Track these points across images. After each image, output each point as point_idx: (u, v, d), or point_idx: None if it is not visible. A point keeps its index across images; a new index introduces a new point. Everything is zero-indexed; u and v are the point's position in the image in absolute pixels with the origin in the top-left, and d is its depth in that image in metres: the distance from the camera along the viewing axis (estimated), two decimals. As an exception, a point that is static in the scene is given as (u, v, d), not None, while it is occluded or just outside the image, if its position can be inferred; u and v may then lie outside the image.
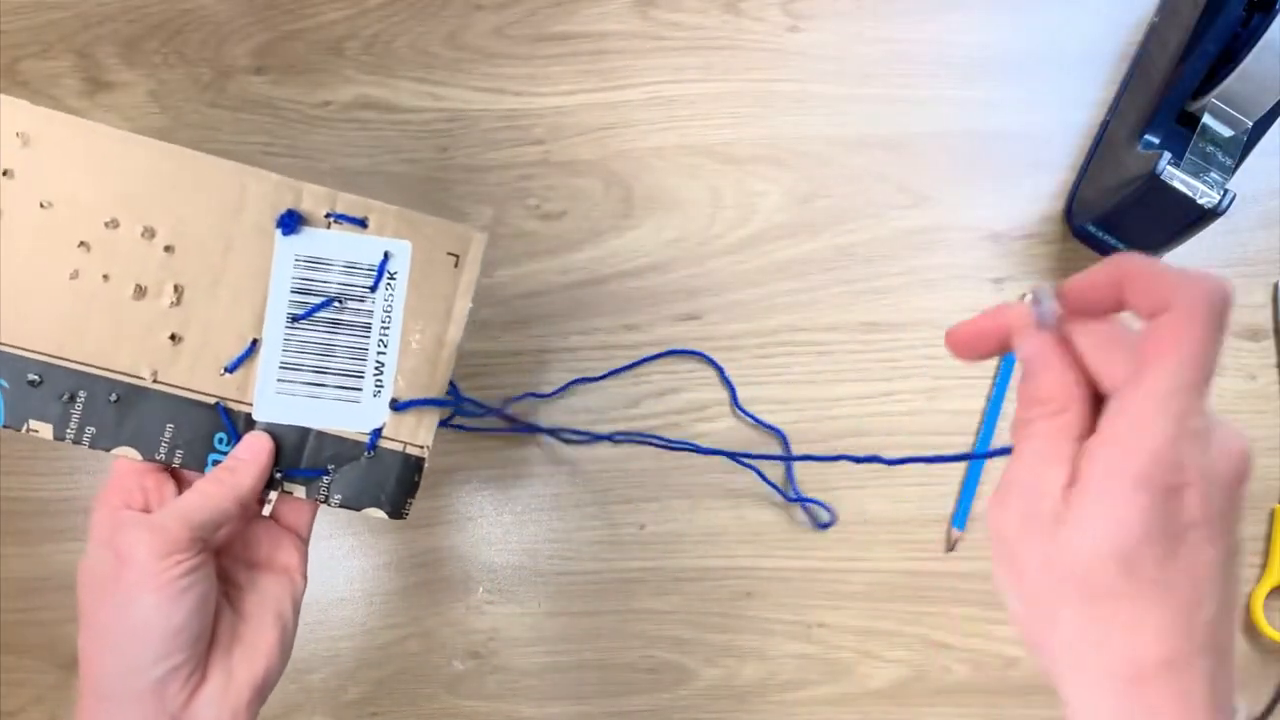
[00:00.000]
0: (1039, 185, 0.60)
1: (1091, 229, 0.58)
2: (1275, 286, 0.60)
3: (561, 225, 0.59)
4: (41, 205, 0.37)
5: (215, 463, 0.40)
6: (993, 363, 0.59)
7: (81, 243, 0.38)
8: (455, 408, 0.43)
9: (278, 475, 0.40)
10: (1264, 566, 0.58)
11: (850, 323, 0.59)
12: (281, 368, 0.40)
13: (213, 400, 0.40)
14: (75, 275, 0.38)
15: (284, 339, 0.40)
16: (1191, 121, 0.54)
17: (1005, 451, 0.30)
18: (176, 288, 0.39)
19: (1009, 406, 0.58)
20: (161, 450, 0.40)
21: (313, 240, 0.40)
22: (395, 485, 0.41)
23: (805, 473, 0.58)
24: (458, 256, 0.41)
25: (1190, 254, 0.59)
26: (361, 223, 0.40)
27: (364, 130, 0.59)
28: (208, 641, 0.38)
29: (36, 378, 0.38)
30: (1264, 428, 0.59)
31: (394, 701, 0.56)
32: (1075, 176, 0.60)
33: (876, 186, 0.60)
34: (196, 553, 0.37)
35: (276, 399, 0.40)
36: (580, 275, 0.59)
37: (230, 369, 0.39)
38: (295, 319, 0.40)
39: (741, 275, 0.59)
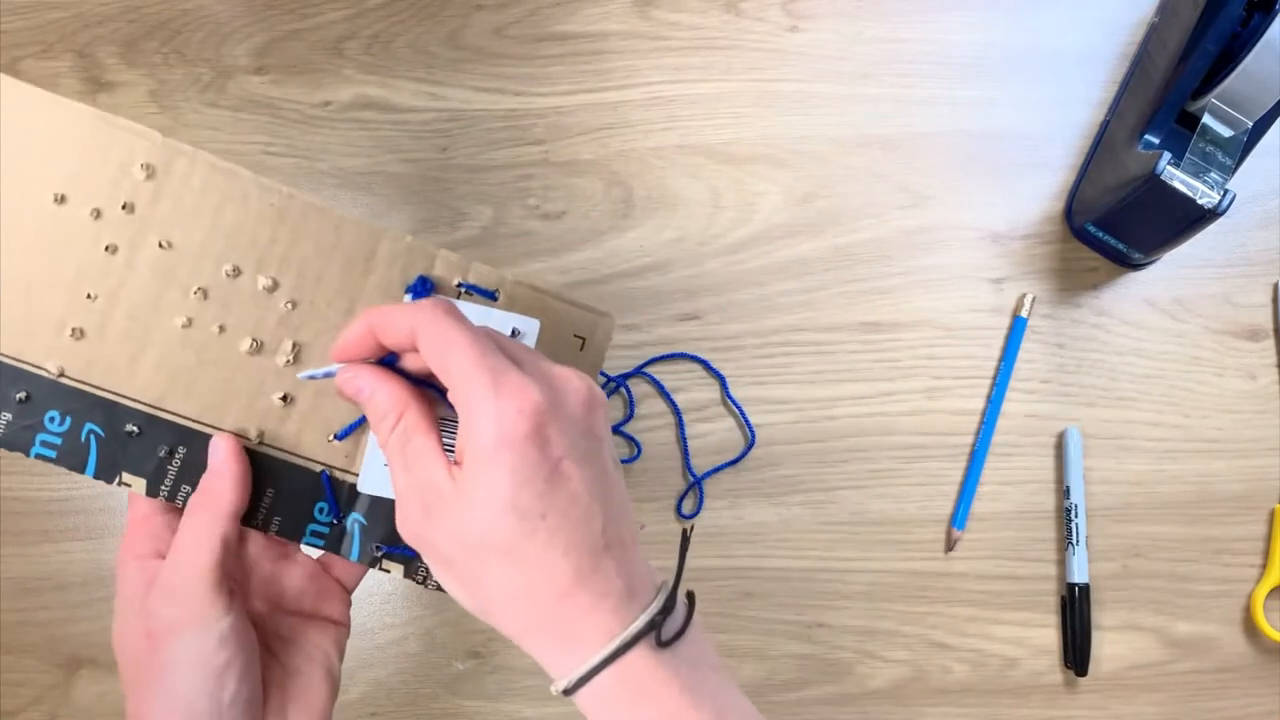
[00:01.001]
0: (1039, 185, 0.60)
1: (1091, 229, 0.58)
2: (1275, 286, 0.60)
3: (561, 225, 0.59)
4: (160, 245, 0.35)
5: (314, 533, 0.37)
6: (993, 363, 0.59)
7: (199, 289, 0.35)
8: None
9: (377, 553, 0.37)
10: (1264, 566, 0.58)
11: (850, 323, 0.59)
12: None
13: (318, 468, 0.37)
14: (188, 324, 0.35)
15: None
16: (1191, 121, 0.54)
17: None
18: (295, 345, 0.36)
19: (1009, 406, 0.58)
20: (259, 517, 0.37)
21: None
22: None
23: (803, 473, 0.58)
24: (584, 339, 0.40)
25: (1190, 254, 0.59)
26: (492, 295, 0.38)
27: (364, 130, 0.59)
28: (261, 704, 0.36)
29: (135, 429, 0.35)
30: (1264, 428, 0.59)
31: (394, 701, 0.56)
32: (1075, 176, 0.60)
33: (876, 186, 0.60)
34: (225, 608, 0.34)
35: (384, 471, 0.37)
36: (580, 275, 0.59)
37: (340, 436, 0.37)
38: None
39: (741, 275, 0.59)
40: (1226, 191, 0.51)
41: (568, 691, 0.30)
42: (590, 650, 0.29)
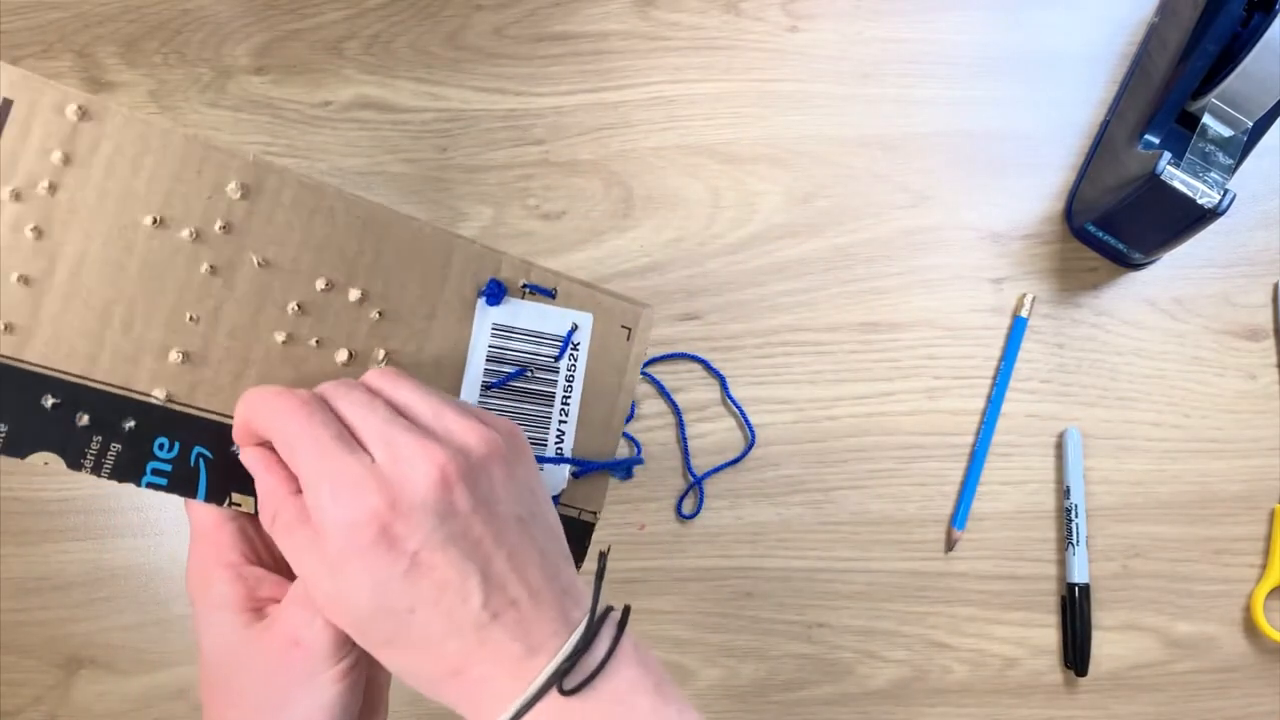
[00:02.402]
0: (1039, 185, 0.60)
1: (1091, 229, 0.58)
2: (1275, 286, 0.60)
3: (561, 225, 0.59)
4: (258, 263, 0.34)
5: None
6: (993, 363, 0.59)
7: (296, 304, 0.35)
8: (626, 473, 0.43)
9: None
10: (1264, 566, 0.58)
11: (850, 323, 0.59)
12: None
13: None
14: (288, 339, 0.35)
15: (480, 404, 0.39)
16: (1191, 121, 0.54)
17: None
18: (385, 354, 0.37)
19: (1009, 406, 0.58)
20: None
21: (509, 310, 0.39)
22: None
23: (803, 473, 0.58)
24: (630, 330, 0.41)
25: (1190, 254, 0.59)
26: (550, 294, 0.40)
27: (364, 130, 0.59)
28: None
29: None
30: (1264, 428, 0.59)
31: (394, 702, 0.56)
32: (1075, 176, 0.60)
33: (876, 186, 0.60)
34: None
35: None
36: (580, 275, 0.58)
37: None
38: (489, 387, 0.39)
39: (741, 275, 0.59)
40: (1226, 191, 0.51)
41: None
42: (492, 716, 0.30)
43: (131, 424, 0.33)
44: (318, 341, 0.35)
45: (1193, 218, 0.51)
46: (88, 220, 0.32)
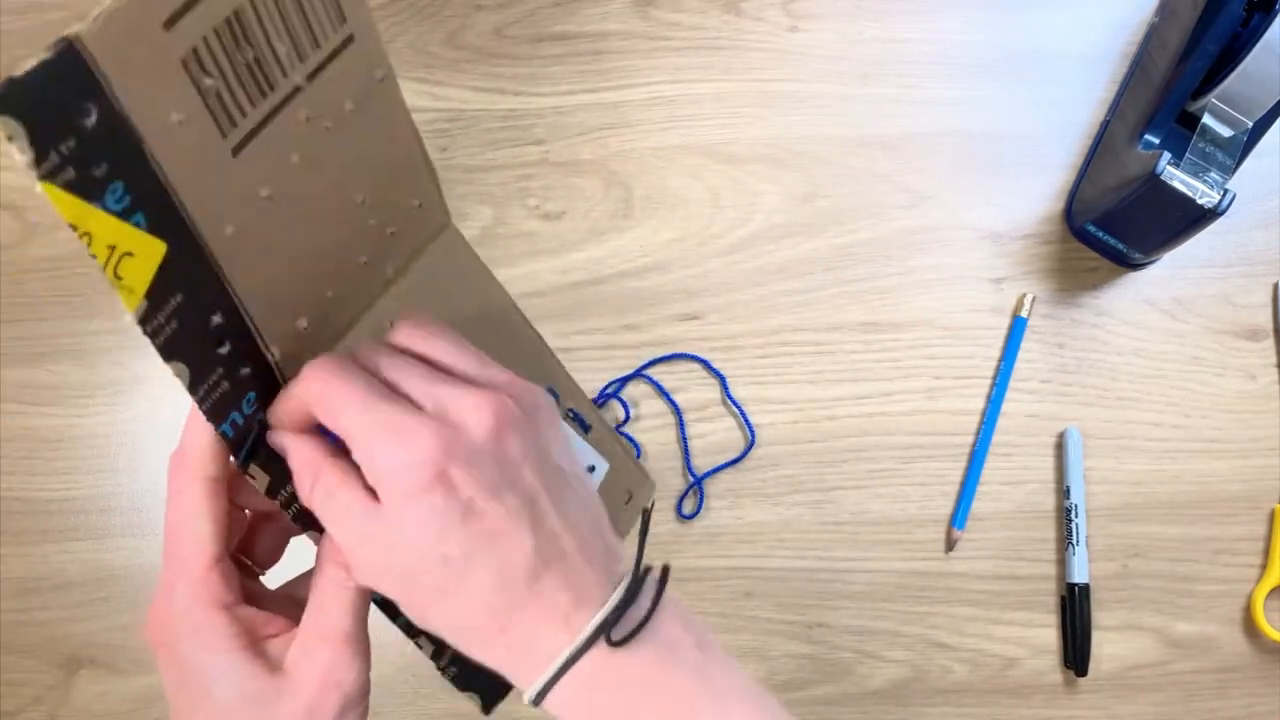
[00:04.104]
0: (1039, 185, 0.60)
1: (1091, 229, 0.58)
2: (1275, 286, 0.60)
3: (561, 225, 0.59)
4: (390, 278, 0.35)
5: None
6: (993, 363, 0.59)
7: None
8: None
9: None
10: (1264, 566, 0.58)
11: (850, 323, 0.59)
12: None
13: None
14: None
15: None
16: (1191, 121, 0.54)
17: None
18: None
19: (1009, 406, 0.58)
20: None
21: None
22: (500, 684, 0.39)
23: (803, 473, 0.58)
24: (631, 495, 0.41)
25: (1190, 254, 0.59)
26: (586, 428, 0.40)
27: (364, 130, 0.59)
28: None
29: None
30: (1264, 428, 0.59)
31: (394, 702, 0.56)
32: (1075, 176, 0.60)
33: (876, 186, 0.60)
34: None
35: None
36: (580, 275, 0.59)
37: None
38: None
39: (741, 275, 0.59)
40: (1226, 191, 0.51)
41: (534, 701, 0.30)
42: (543, 663, 0.30)
43: (247, 371, 0.31)
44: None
45: (1193, 218, 0.51)
46: (334, 170, 0.31)
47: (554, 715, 0.31)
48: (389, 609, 0.36)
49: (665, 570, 0.32)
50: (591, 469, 0.40)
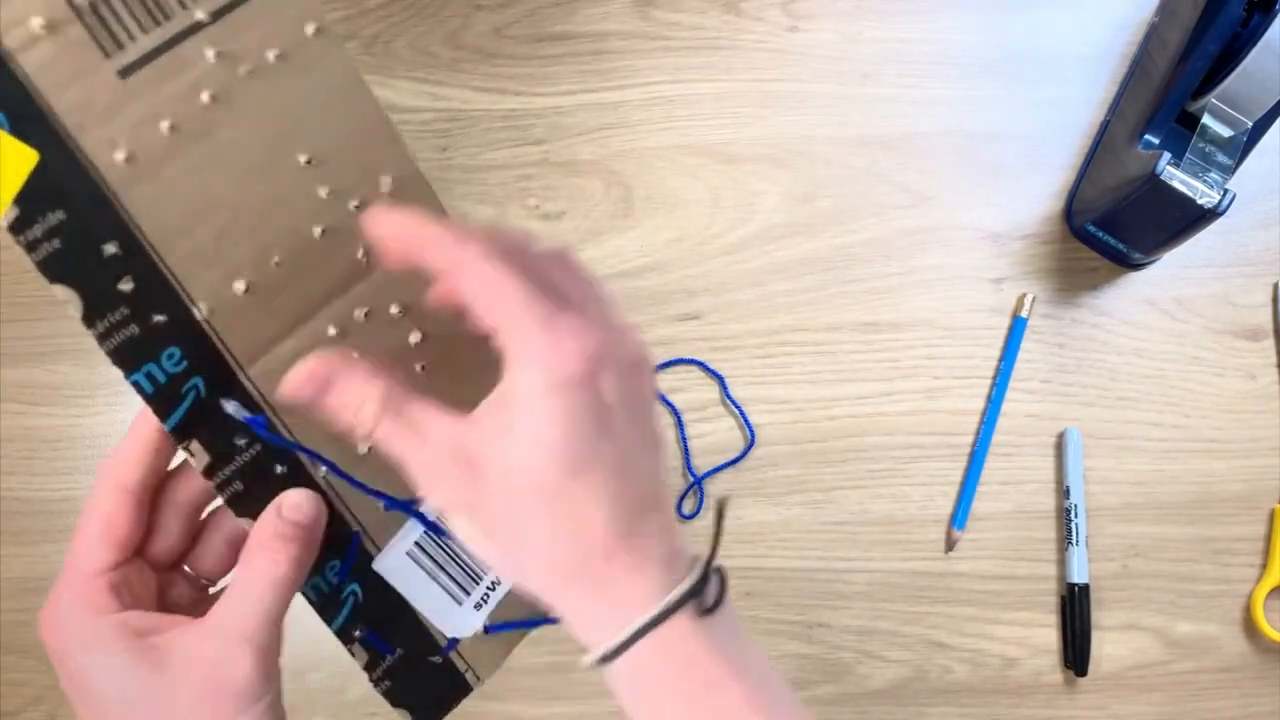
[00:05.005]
0: (1039, 185, 0.60)
1: (1091, 229, 0.58)
2: (1275, 286, 0.59)
3: (561, 225, 0.59)
4: (362, 258, 0.34)
5: (314, 586, 0.35)
6: (992, 363, 0.59)
7: (365, 314, 0.34)
8: (531, 627, 0.40)
9: (357, 633, 0.36)
10: (1264, 566, 0.58)
11: (850, 323, 0.59)
12: (426, 534, 0.36)
13: (355, 528, 0.35)
14: (341, 334, 0.34)
15: (435, 522, 0.37)
16: (1191, 121, 0.54)
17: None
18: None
19: (1009, 406, 0.58)
20: None
21: None
22: (436, 700, 0.38)
23: (803, 473, 0.58)
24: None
25: (1190, 254, 0.59)
26: None
27: (364, 130, 0.59)
28: None
29: (236, 405, 0.33)
30: (1264, 428, 0.59)
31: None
32: (1075, 176, 0.60)
33: (876, 186, 0.60)
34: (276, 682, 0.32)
35: (403, 560, 0.36)
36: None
37: (388, 507, 0.36)
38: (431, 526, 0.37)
39: (741, 275, 0.59)
40: (1226, 191, 0.51)
41: (606, 658, 0.29)
42: (632, 613, 0.28)
43: (161, 319, 0.31)
44: (359, 354, 0.33)
45: (1193, 218, 0.51)
46: (259, 119, 0.30)
47: (616, 679, 0.30)
48: (328, 612, 0.35)
49: (723, 570, 0.31)
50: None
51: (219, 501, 0.34)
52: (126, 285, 0.30)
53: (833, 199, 0.60)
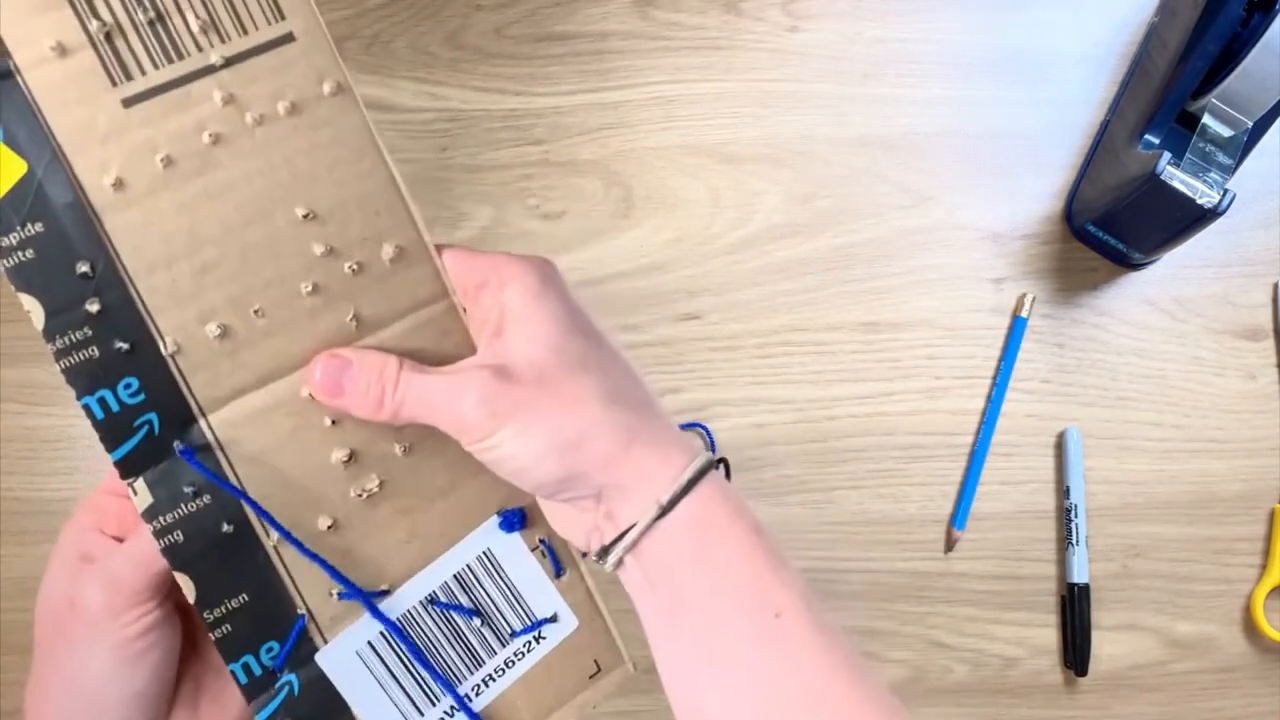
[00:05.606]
0: (1039, 185, 0.60)
1: (1091, 229, 0.58)
2: (1275, 286, 0.59)
3: (561, 225, 0.59)
4: (351, 321, 0.32)
5: (245, 665, 0.33)
6: (992, 363, 0.59)
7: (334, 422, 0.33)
8: None
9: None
10: (1264, 566, 0.58)
11: (850, 323, 0.59)
12: (382, 635, 0.34)
13: (300, 610, 0.33)
14: (309, 405, 0.33)
15: (409, 610, 0.34)
16: (1191, 121, 0.54)
17: None
18: (381, 483, 0.33)
19: (1009, 406, 0.58)
20: (216, 610, 0.32)
21: (510, 549, 0.35)
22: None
23: (803, 473, 0.58)
24: (599, 671, 0.37)
25: (1190, 254, 0.59)
26: (559, 571, 0.36)
27: (364, 130, 0.59)
28: (170, 700, 0.34)
29: (189, 449, 0.32)
30: (1264, 428, 0.59)
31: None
32: (1075, 176, 0.60)
33: (876, 186, 0.60)
34: (159, 603, 0.32)
35: (352, 659, 0.34)
36: (580, 275, 0.59)
37: (344, 595, 0.33)
38: (433, 601, 0.34)
39: (741, 275, 0.59)
40: (1226, 191, 0.51)
41: (663, 512, 0.30)
42: (671, 472, 0.30)
43: (123, 347, 0.30)
44: (332, 422, 0.33)
45: (1193, 218, 0.51)
46: (259, 166, 0.30)
47: (630, 581, 0.31)
48: (257, 698, 0.33)
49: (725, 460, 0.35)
50: (555, 618, 0.35)
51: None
52: (93, 306, 0.30)
53: (833, 199, 0.60)
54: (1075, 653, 0.56)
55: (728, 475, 0.32)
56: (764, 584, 0.30)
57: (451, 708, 0.35)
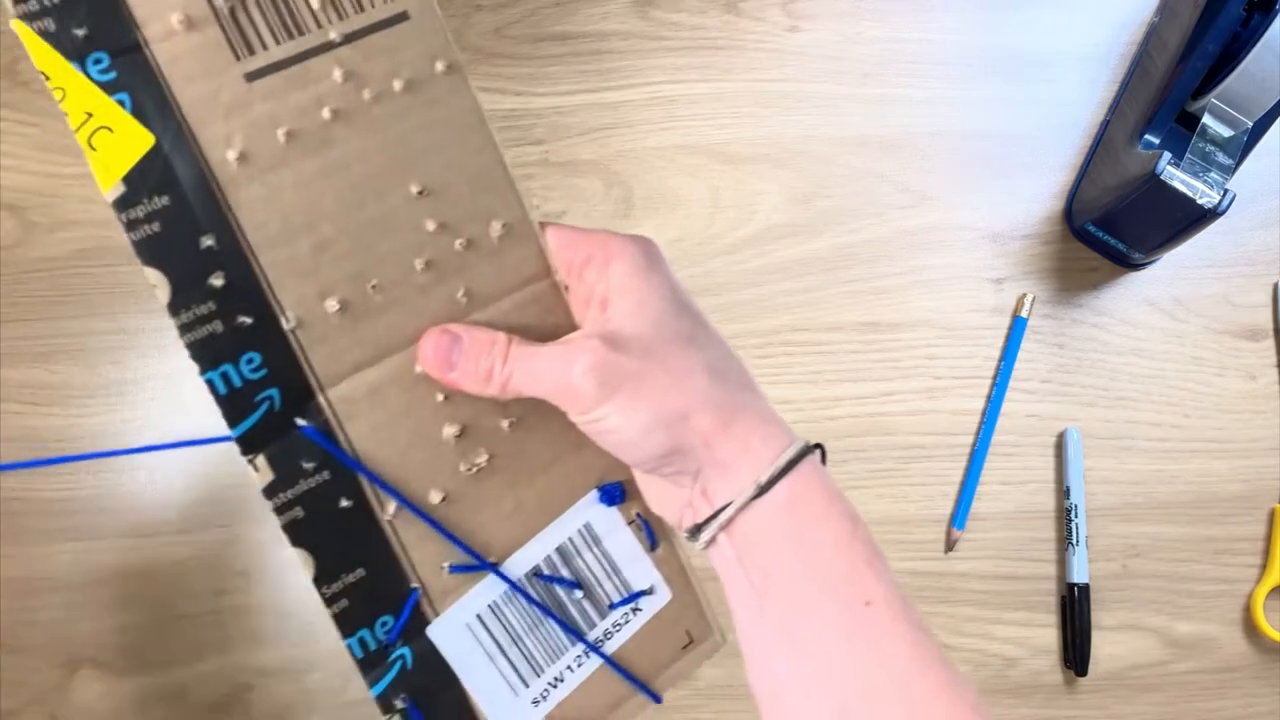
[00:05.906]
0: (1039, 185, 0.60)
1: (1091, 229, 0.58)
2: (1275, 286, 0.60)
3: (561, 225, 0.59)
4: (462, 298, 0.33)
5: (361, 640, 0.33)
6: (993, 363, 0.59)
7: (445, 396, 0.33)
8: None
9: (398, 702, 0.34)
10: (1264, 566, 0.58)
11: (850, 323, 0.59)
12: (490, 608, 0.35)
13: (414, 584, 0.34)
14: (422, 378, 0.33)
15: (516, 582, 0.35)
16: (1191, 121, 0.54)
17: None
18: (490, 459, 0.34)
19: (1009, 406, 0.58)
20: (333, 584, 0.32)
21: (608, 523, 0.36)
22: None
23: (805, 473, 0.58)
24: (692, 640, 0.38)
25: (1190, 254, 0.59)
26: (654, 544, 0.37)
27: (364, 130, 0.59)
28: None
29: (304, 424, 0.32)
30: (1264, 428, 0.59)
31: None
32: (1075, 176, 0.60)
33: (876, 186, 0.60)
34: None
35: (462, 631, 0.34)
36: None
37: (454, 569, 0.34)
38: (537, 574, 0.35)
39: (741, 275, 0.59)
40: (1226, 191, 0.51)
41: (761, 490, 0.30)
42: (762, 463, 0.30)
43: (246, 321, 0.30)
44: (444, 397, 0.33)
45: (1193, 218, 0.51)
46: (376, 142, 0.31)
47: (721, 561, 0.31)
48: (372, 672, 0.34)
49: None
50: (651, 590, 0.37)
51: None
52: (217, 280, 0.30)
53: (833, 199, 0.60)
54: (1075, 653, 0.56)
55: (823, 460, 0.32)
56: (857, 572, 0.29)
57: (551, 680, 0.36)
